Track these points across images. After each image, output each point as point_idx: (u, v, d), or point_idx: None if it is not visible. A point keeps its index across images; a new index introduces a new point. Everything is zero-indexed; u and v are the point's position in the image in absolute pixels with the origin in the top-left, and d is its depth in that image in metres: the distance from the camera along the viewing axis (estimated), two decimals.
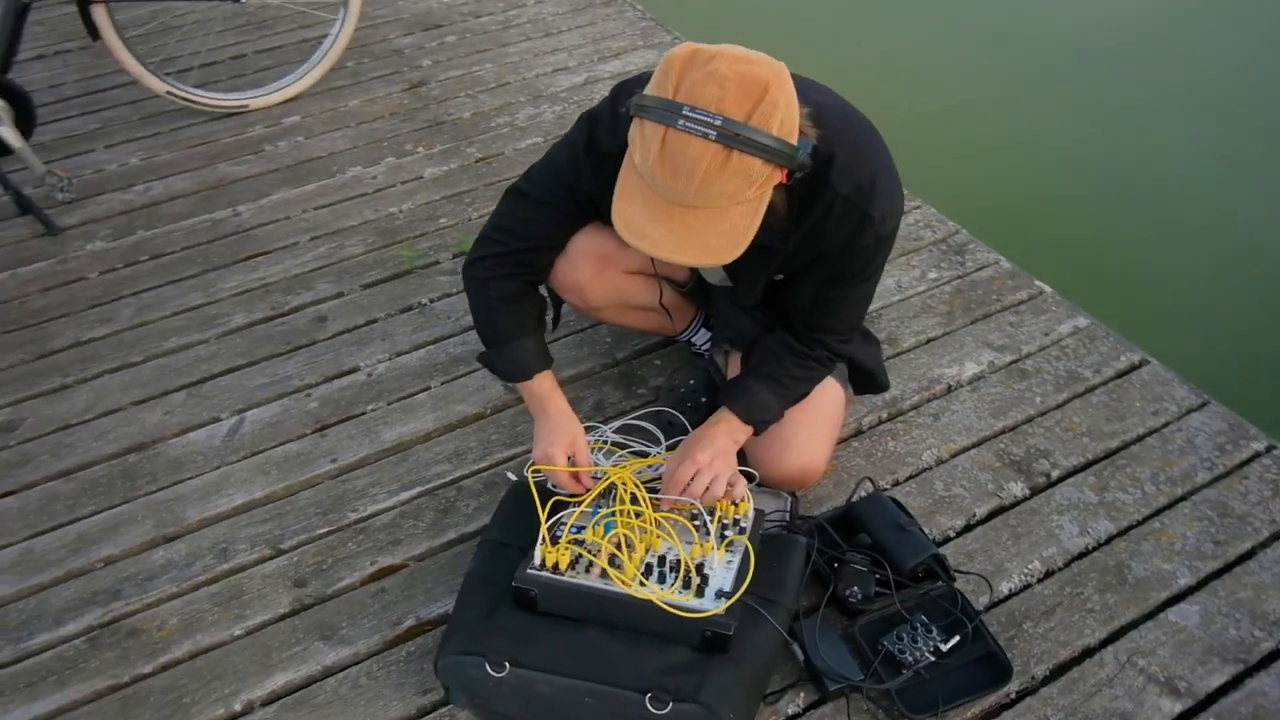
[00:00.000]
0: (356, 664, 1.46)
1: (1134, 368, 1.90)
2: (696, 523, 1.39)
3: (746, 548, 1.35)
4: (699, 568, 1.31)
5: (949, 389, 1.88)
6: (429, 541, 1.63)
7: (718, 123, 1.10)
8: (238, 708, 1.41)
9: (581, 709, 1.23)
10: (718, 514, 1.41)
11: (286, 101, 2.95)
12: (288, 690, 1.43)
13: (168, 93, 2.77)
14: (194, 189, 2.60)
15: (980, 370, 1.91)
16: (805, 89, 1.32)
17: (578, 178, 1.41)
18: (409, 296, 2.18)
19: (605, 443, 1.71)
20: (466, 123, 2.84)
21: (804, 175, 1.30)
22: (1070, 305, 2.06)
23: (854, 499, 1.62)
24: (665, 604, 1.24)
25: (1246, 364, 2.58)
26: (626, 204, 1.18)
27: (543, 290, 1.59)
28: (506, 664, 1.24)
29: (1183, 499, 1.64)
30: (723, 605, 1.25)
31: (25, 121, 2.39)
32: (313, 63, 2.98)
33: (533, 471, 1.47)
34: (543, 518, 1.36)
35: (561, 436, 1.46)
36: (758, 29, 4.42)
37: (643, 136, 1.15)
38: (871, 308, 2.04)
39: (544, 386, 1.50)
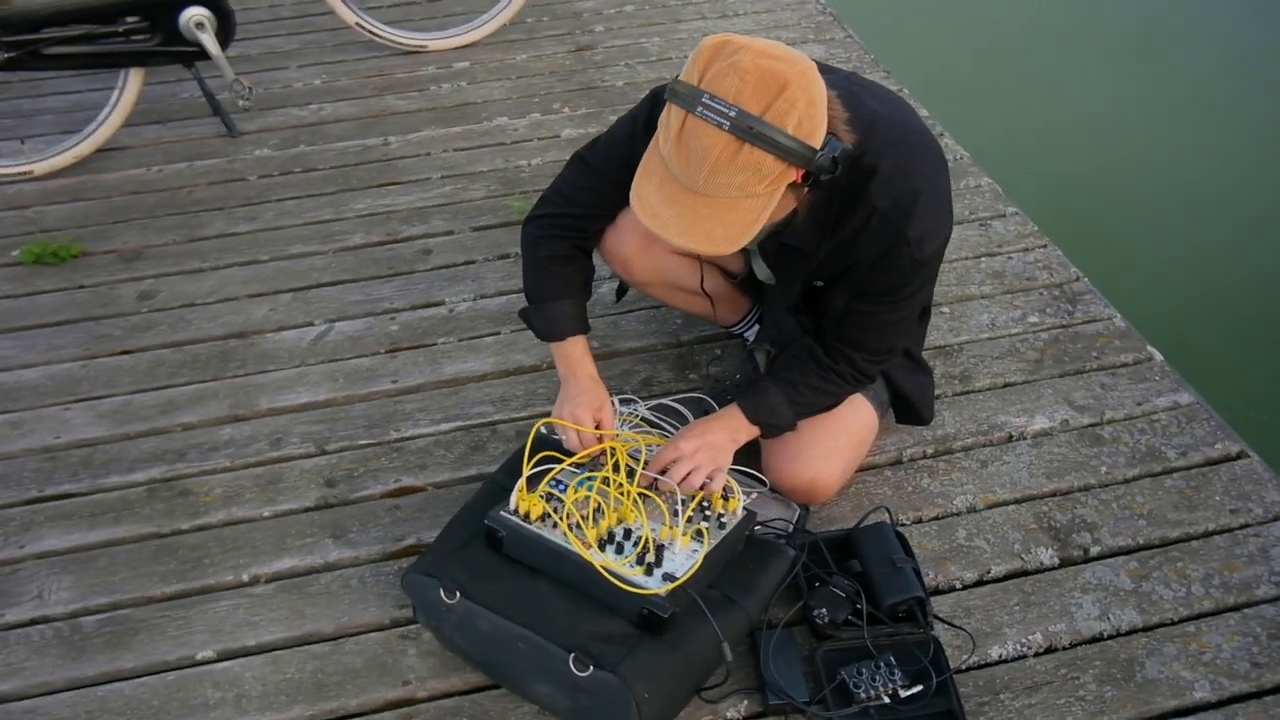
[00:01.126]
0: (354, 566, 1.57)
1: (1228, 458, 1.72)
2: (676, 506, 1.39)
3: (709, 542, 1.34)
4: (659, 548, 1.32)
5: (1009, 438, 1.77)
6: (451, 472, 1.73)
7: (732, 114, 1.10)
8: (245, 578, 1.56)
9: (514, 652, 1.29)
10: (697, 501, 1.41)
11: (462, 47, 3.13)
12: (290, 574, 1.57)
13: (357, 24, 3.01)
14: (357, 115, 2.81)
15: (1050, 426, 1.78)
16: (862, 95, 1.29)
17: (634, 152, 1.43)
18: (509, 245, 2.28)
19: (636, 417, 1.74)
20: (617, 91, 2.91)
21: (843, 184, 1.26)
22: (1177, 378, 1.87)
23: (861, 525, 1.57)
24: (607, 572, 1.26)
25: None
26: (645, 182, 1.20)
27: (596, 258, 1.63)
28: (457, 593, 1.31)
29: (1233, 609, 1.47)
30: (664, 587, 1.26)
31: (225, 33, 2.67)
32: (494, 14, 3.14)
33: (544, 424, 1.52)
34: (525, 467, 1.41)
35: (590, 400, 1.50)
36: (936, 28, 4.24)
37: (667, 119, 1.17)
38: (956, 339, 1.96)
39: (576, 350, 1.54)
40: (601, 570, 1.26)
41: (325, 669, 1.42)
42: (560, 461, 1.46)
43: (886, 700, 1.32)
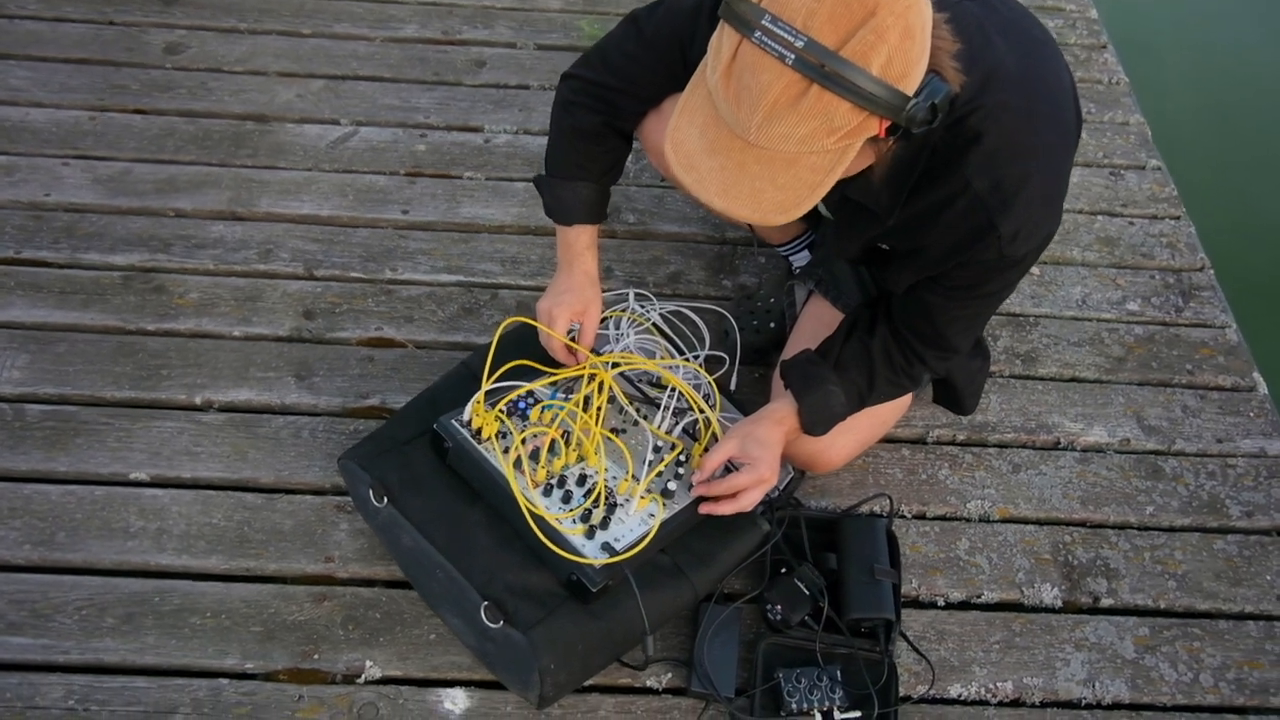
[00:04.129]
0: (309, 416, 1.47)
1: None
2: (647, 455, 1.23)
3: (664, 516, 1.19)
4: (611, 506, 1.18)
5: (1055, 444, 1.55)
6: (437, 333, 1.59)
7: (799, 44, 0.83)
8: (197, 400, 1.48)
9: (431, 576, 1.19)
10: (672, 458, 1.25)
11: None
12: (244, 408, 1.48)
13: None
14: None
15: (1106, 442, 1.55)
16: (988, 27, 0.99)
17: (693, 35, 1.16)
18: None
19: (647, 321, 1.55)
20: None
21: (936, 142, 1.00)
22: (1276, 420, 1.60)
23: (855, 511, 1.40)
24: (542, 526, 1.13)
25: None
26: (685, 124, 0.94)
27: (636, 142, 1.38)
28: (385, 498, 1.19)
29: (1236, 711, 1.30)
30: (598, 560, 1.12)
31: None
32: None
33: (513, 322, 1.35)
34: (485, 380, 1.25)
35: (574, 300, 1.32)
36: None
37: (719, 42, 0.89)
38: (1035, 309, 1.70)
39: (580, 240, 1.34)
40: (532, 525, 1.13)
41: (252, 523, 1.35)
42: (535, 373, 1.30)
43: (818, 718, 1.21)
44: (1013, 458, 1.52)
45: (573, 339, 1.32)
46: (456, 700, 1.22)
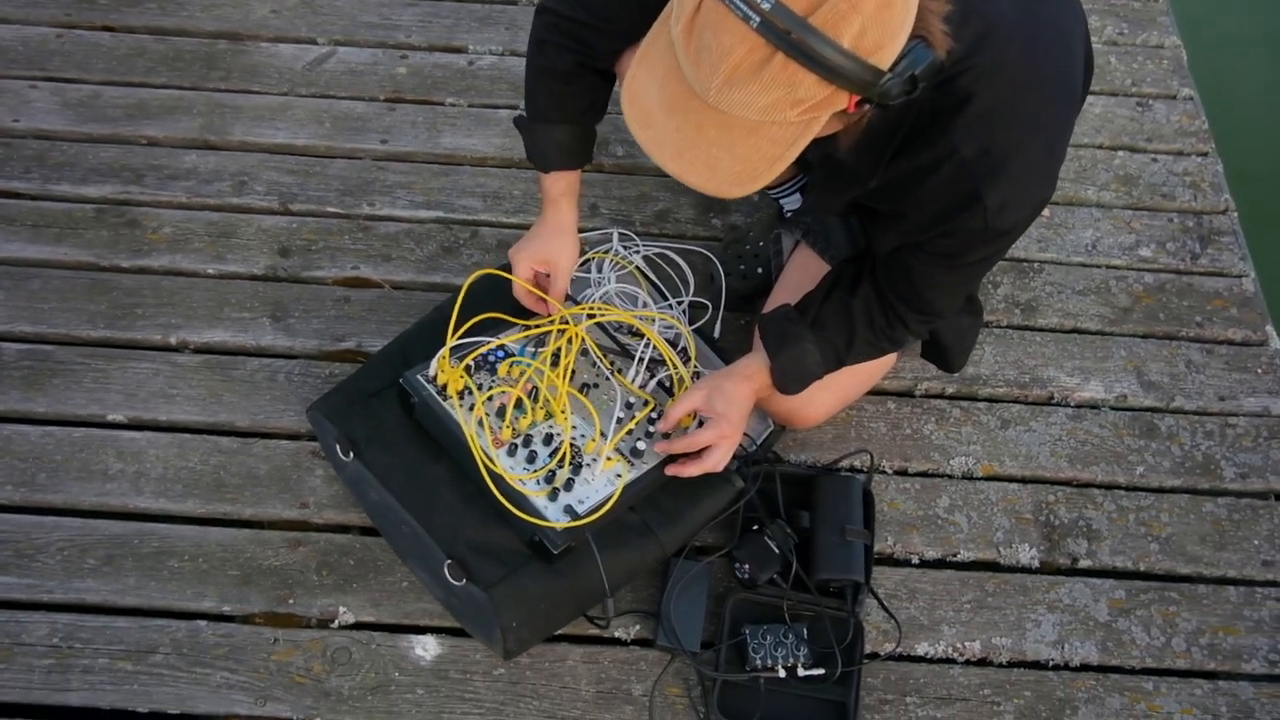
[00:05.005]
0: (285, 358, 1.46)
1: None
2: (616, 412, 1.21)
3: (629, 478, 1.18)
4: (576, 466, 1.17)
5: (1048, 400, 1.50)
6: (415, 273, 1.55)
7: (766, 7, 0.75)
8: (172, 341, 1.46)
9: (398, 531, 1.19)
10: (643, 416, 1.23)
11: None
12: (220, 349, 1.46)
13: None
14: None
15: (1102, 398, 1.50)
16: None
17: None
18: None
19: (630, 264, 1.50)
20: None
21: (921, 103, 0.92)
22: None
23: (834, 467, 1.38)
24: (497, 489, 1.12)
25: None
26: (645, 75, 0.86)
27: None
28: (352, 453, 1.19)
29: (1206, 676, 1.29)
30: (560, 524, 1.11)
31: None
32: None
33: (482, 274, 1.30)
34: (450, 337, 1.22)
35: (541, 249, 1.28)
36: None
37: None
38: (1041, 254, 1.64)
39: (555, 187, 1.28)
40: (493, 488, 1.12)
41: (229, 467, 1.35)
42: (506, 326, 1.27)
43: (781, 674, 1.22)
44: (1002, 413, 1.48)
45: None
46: (427, 646, 1.24)
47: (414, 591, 1.27)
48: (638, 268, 1.50)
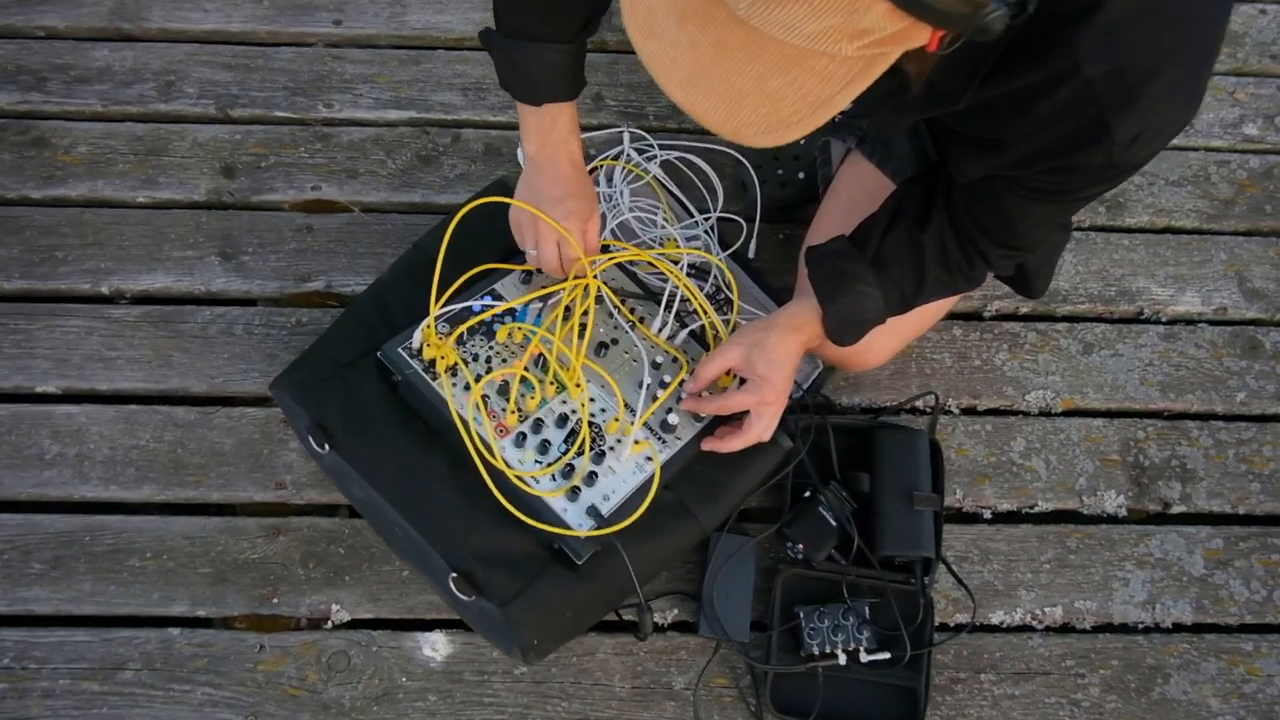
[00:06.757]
0: (242, 305, 1.23)
1: None
2: (642, 378, 1.00)
3: (663, 459, 0.98)
4: (598, 454, 0.97)
5: (1137, 315, 1.30)
6: (388, 192, 1.30)
7: None
8: (105, 290, 1.23)
9: (391, 533, 1.01)
10: (674, 385, 1.02)
11: None
12: (161, 297, 1.23)
13: None
14: None
15: (1198, 311, 1.30)
16: None
17: None
18: None
19: (647, 174, 1.25)
20: None
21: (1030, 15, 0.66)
22: None
23: (900, 413, 1.19)
24: (505, 497, 0.92)
25: None
26: None
27: None
28: (326, 444, 0.98)
29: None
30: (583, 531, 0.93)
31: None
32: None
33: (486, 201, 1.06)
34: (434, 304, 0.98)
35: (585, 206, 1.00)
36: None
37: None
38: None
39: (558, 124, 0.98)
40: (498, 495, 0.92)
41: (186, 444, 1.15)
42: (499, 275, 1.04)
43: (842, 660, 1.07)
44: (1085, 335, 1.28)
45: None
46: (437, 645, 1.09)
47: (417, 582, 1.11)
48: (655, 179, 1.25)
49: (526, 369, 0.99)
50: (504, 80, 0.97)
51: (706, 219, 1.25)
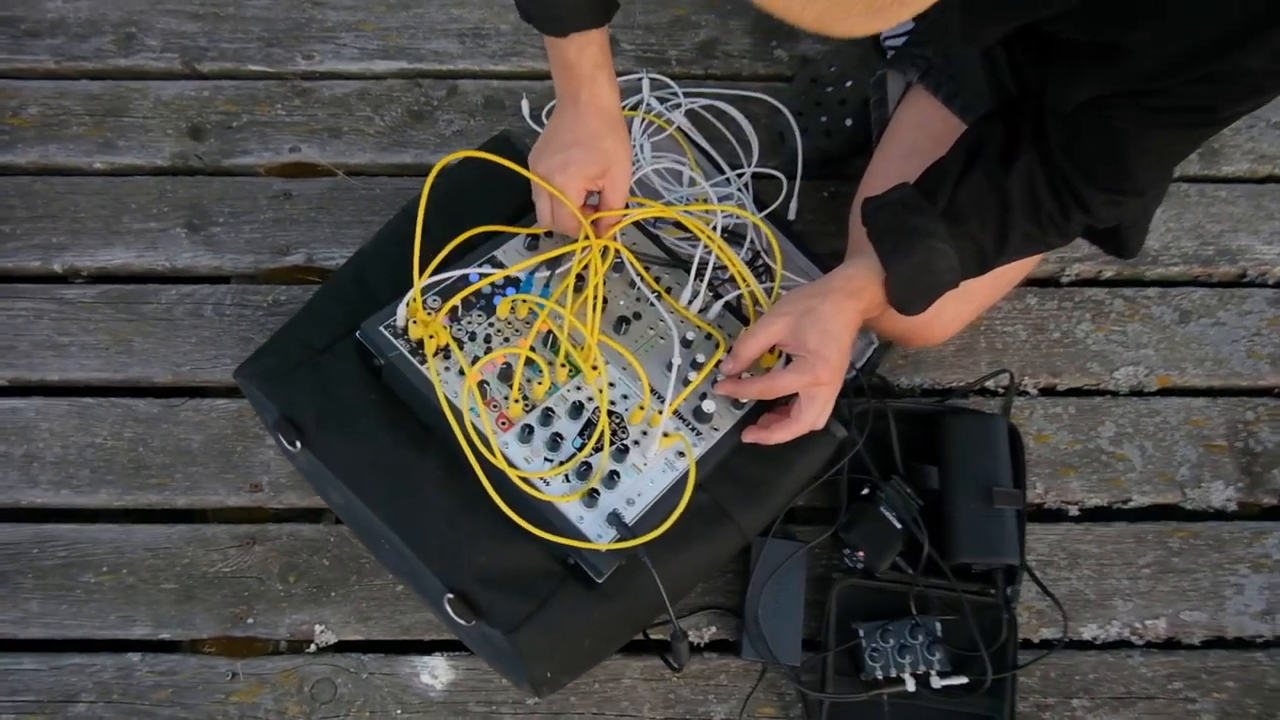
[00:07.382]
0: (212, 283, 1.08)
1: None
2: (672, 359, 0.84)
3: (698, 454, 0.82)
4: (619, 449, 0.81)
5: (1239, 278, 1.12)
6: (375, 153, 1.14)
7: None
8: (57, 268, 1.08)
9: (379, 546, 0.86)
10: (712, 364, 0.86)
11: None
12: (122, 275, 1.09)
13: None
14: None
15: None
16: None
17: None
18: None
19: (671, 125, 1.09)
20: None
21: None
22: None
23: (969, 395, 1.02)
24: (508, 506, 0.77)
25: None
26: None
27: None
28: (298, 442, 0.83)
29: None
30: (604, 543, 0.77)
31: None
32: None
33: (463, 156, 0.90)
34: (417, 277, 0.82)
35: (586, 158, 0.83)
36: None
37: None
38: None
39: (584, 58, 0.82)
40: (500, 503, 0.76)
41: (149, 441, 1.01)
42: (500, 241, 0.88)
43: (910, 686, 0.91)
44: (1180, 301, 1.10)
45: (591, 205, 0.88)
46: (437, 671, 0.94)
47: (412, 597, 0.96)
48: (680, 129, 1.08)
49: (533, 349, 0.83)
50: (524, 9, 0.81)
51: (740, 175, 1.08)
